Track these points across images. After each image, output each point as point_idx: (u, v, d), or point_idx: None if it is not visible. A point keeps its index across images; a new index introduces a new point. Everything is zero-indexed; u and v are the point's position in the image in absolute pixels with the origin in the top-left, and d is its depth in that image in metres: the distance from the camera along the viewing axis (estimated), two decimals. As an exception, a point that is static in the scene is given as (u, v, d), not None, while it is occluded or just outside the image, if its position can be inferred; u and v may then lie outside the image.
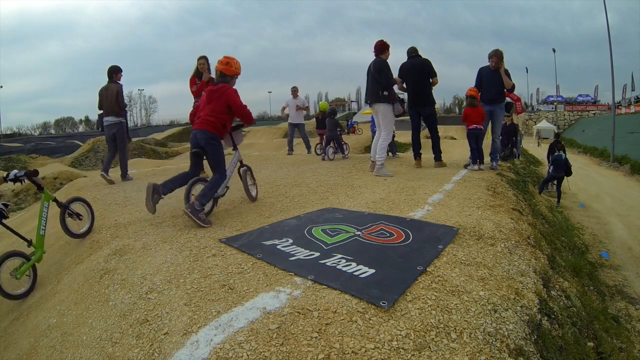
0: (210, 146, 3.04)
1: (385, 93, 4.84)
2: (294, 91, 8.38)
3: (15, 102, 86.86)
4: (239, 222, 2.96)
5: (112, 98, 4.96)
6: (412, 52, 5.48)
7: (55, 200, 2.85)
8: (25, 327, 2.10)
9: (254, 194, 3.75)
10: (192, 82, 5.13)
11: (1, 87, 44.84)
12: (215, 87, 3.24)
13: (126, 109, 5.28)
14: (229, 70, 3.24)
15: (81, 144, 26.39)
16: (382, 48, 4.92)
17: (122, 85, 5.14)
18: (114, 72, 5.10)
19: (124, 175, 5.20)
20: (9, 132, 51.72)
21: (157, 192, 2.94)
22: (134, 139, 22.71)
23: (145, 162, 15.82)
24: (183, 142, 31.47)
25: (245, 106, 3.26)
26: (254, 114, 3.58)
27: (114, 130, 5.00)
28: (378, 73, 4.82)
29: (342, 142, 7.54)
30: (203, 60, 5.07)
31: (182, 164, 9.77)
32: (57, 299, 2.18)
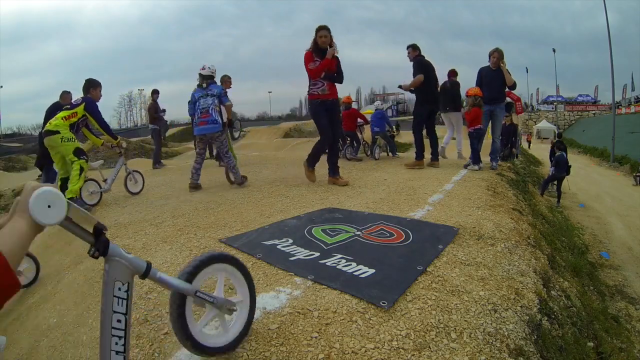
0: (352, 133, 7.34)
1: None
2: (227, 81, 6.44)
3: (15, 102, 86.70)
4: (239, 222, 2.96)
5: (149, 111, 8.27)
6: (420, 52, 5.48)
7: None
8: (25, 327, 2.10)
9: None
10: (309, 57, 4.18)
11: (1, 87, 44.81)
12: (348, 111, 7.34)
13: (163, 115, 8.42)
14: (350, 101, 7.72)
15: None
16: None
17: (155, 102, 8.21)
18: (153, 93, 8.38)
19: (158, 163, 8.18)
20: (9, 132, 51.55)
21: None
22: (134, 139, 22.95)
23: (146, 162, 15.74)
24: (183, 142, 31.34)
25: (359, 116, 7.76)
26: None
27: (151, 133, 8.46)
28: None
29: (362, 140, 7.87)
30: (325, 32, 4.12)
31: (182, 163, 9.75)
32: (57, 299, 2.18)
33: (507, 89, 5.36)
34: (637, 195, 10.38)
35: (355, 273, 1.85)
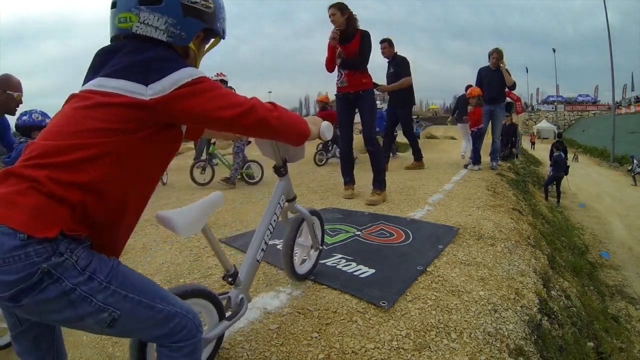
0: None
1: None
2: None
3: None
4: (238, 222, 2.96)
5: None
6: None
7: None
8: (25, 327, 2.10)
9: None
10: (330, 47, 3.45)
11: (1, 87, 44.71)
12: (325, 112, 6.49)
13: None
14: (327, 101, 6.97)
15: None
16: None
17: None
18: None
19: None
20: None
21: None
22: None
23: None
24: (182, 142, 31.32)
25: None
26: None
27: None
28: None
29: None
30: (333, 9, 3.27)
31: (182, 163, 9.75)
32: (57, 298, 2.17)
33: (507, 89, 5.37)
34: (637, 195, 10.38)
35: (355, 273, 1.85)
